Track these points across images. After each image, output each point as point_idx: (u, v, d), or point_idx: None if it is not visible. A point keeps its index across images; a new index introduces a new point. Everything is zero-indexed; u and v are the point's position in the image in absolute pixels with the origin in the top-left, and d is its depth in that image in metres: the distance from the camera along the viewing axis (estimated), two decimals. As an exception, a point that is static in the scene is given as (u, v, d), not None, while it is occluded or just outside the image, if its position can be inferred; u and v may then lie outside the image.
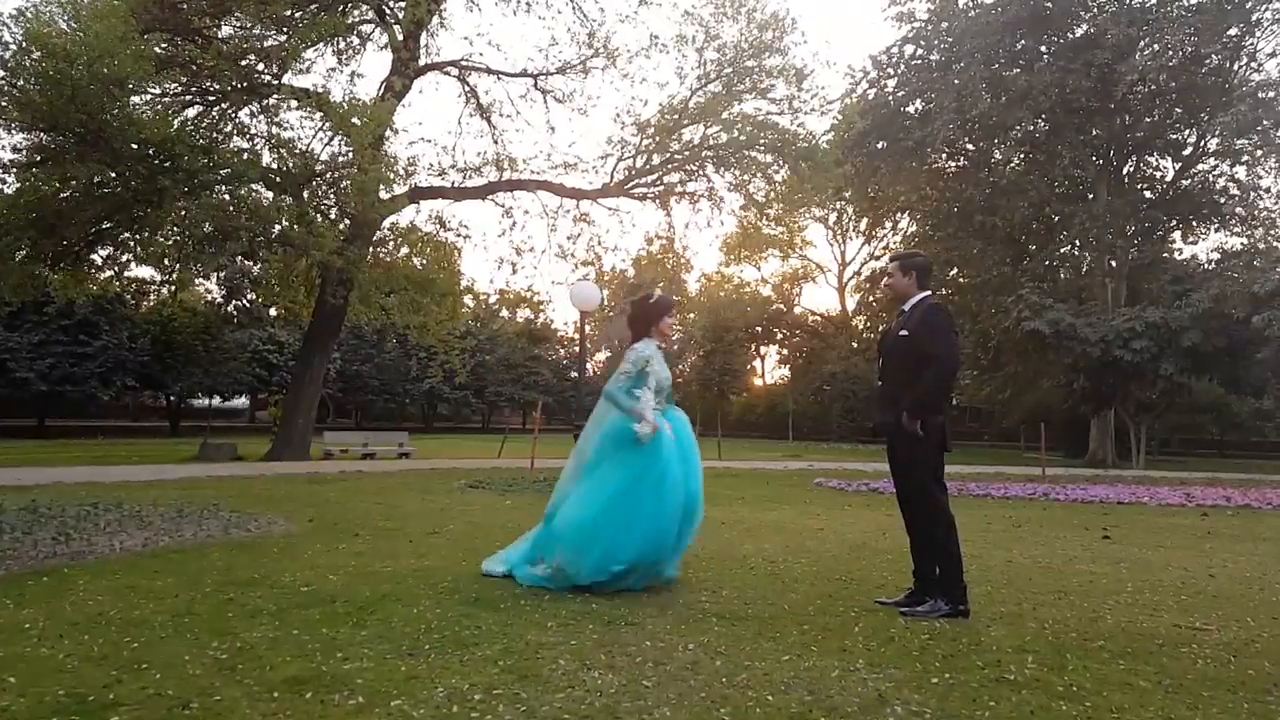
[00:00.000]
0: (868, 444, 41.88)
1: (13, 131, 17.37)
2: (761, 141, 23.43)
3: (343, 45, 20.45)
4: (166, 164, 16.65)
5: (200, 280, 26.77)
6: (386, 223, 22.16)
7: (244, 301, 45.17)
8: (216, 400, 44.38)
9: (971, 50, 26.81)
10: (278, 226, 18.06)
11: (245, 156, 18.12)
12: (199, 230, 17.56)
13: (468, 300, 51.31)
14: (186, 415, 43.40)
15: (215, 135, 19.73)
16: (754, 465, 20.33)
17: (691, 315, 50.99)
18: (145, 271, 24.00)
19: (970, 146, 30.85)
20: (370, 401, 47.12)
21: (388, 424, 47.17)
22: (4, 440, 30.20)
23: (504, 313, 48.73)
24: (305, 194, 19.49)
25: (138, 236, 19.88)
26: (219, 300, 45.99)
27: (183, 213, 17.26)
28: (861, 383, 43.97)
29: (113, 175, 17.43)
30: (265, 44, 18.30)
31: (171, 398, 41.64)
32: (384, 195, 21.00)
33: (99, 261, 21.62)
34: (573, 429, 13.78)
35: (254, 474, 14.44)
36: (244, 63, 18.68)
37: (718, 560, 6.41)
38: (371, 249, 21.33)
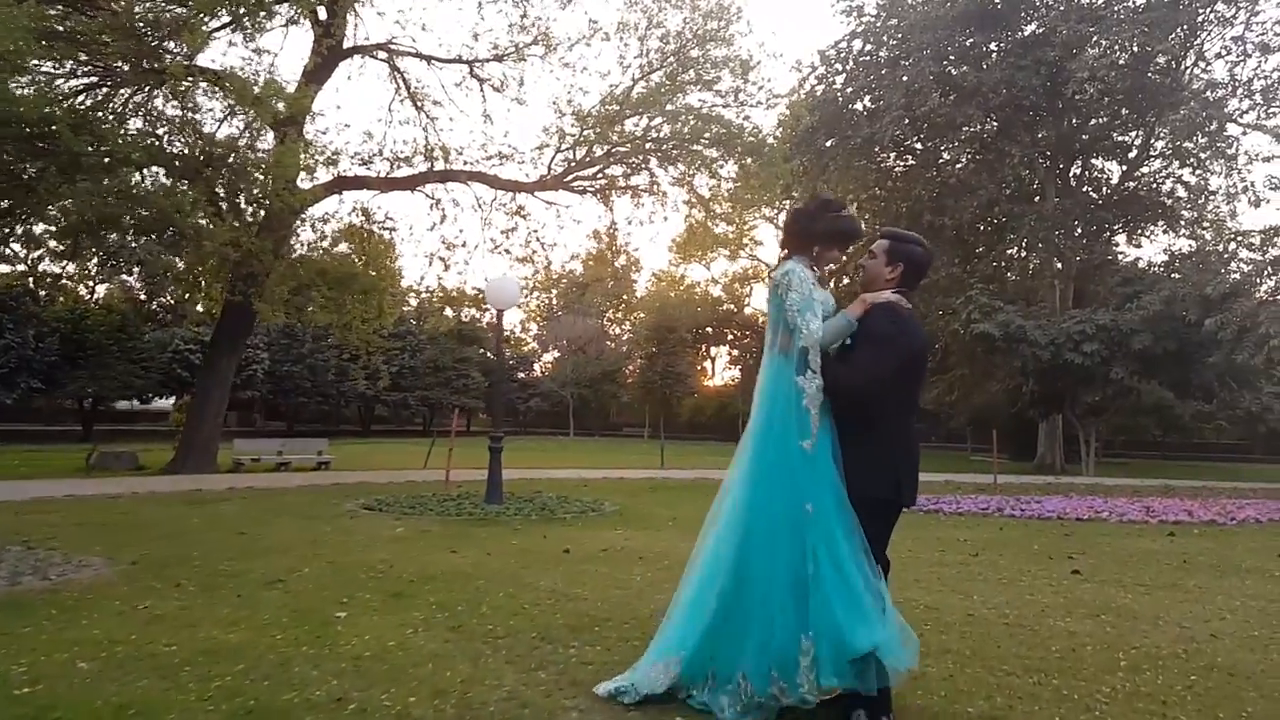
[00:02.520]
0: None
1: None
2: (706, 135, 22.35)
3: (252, 22, 18.66)
4: (41, 146, 14.94)
5: (124, 275, 24.93)
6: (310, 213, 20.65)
7: (166, 298, 42.94)
8: (135, 403, 41.92)
9: (920, 46, 26.01)
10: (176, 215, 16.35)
11: (133, 139, 16.37)
12: (76, 218, 15.79)
13: (411, 299, 49.63)
14: (105, 419, 40.96)
15: (109, 116, 17.94)
16: (698, 474, 19.18)
17: (640, 315, 49.86)
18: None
19: (919, 145, 30.14)
20: (302, 404, 44.97)
21: (323, 427, 45.16)
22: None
23: (446, 311, 46.96)
24: (206, 180, 17.81)
25: (15, 225, 18.15)
26: (141, 297, 43.71)
27: (63, 199, 15.51)
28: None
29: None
30: (164, 16, 16.48)
31: (86, 401, 39.24)
32: (305, 184, 19.52)
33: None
34: (487, 436, 12.46)
35: (126, 492, 12.86)
36: (150, 41, 16.90)
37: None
38: (290, 242, 19.71)
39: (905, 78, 25.85)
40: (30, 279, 33.63)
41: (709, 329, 50.91)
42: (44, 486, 13.44)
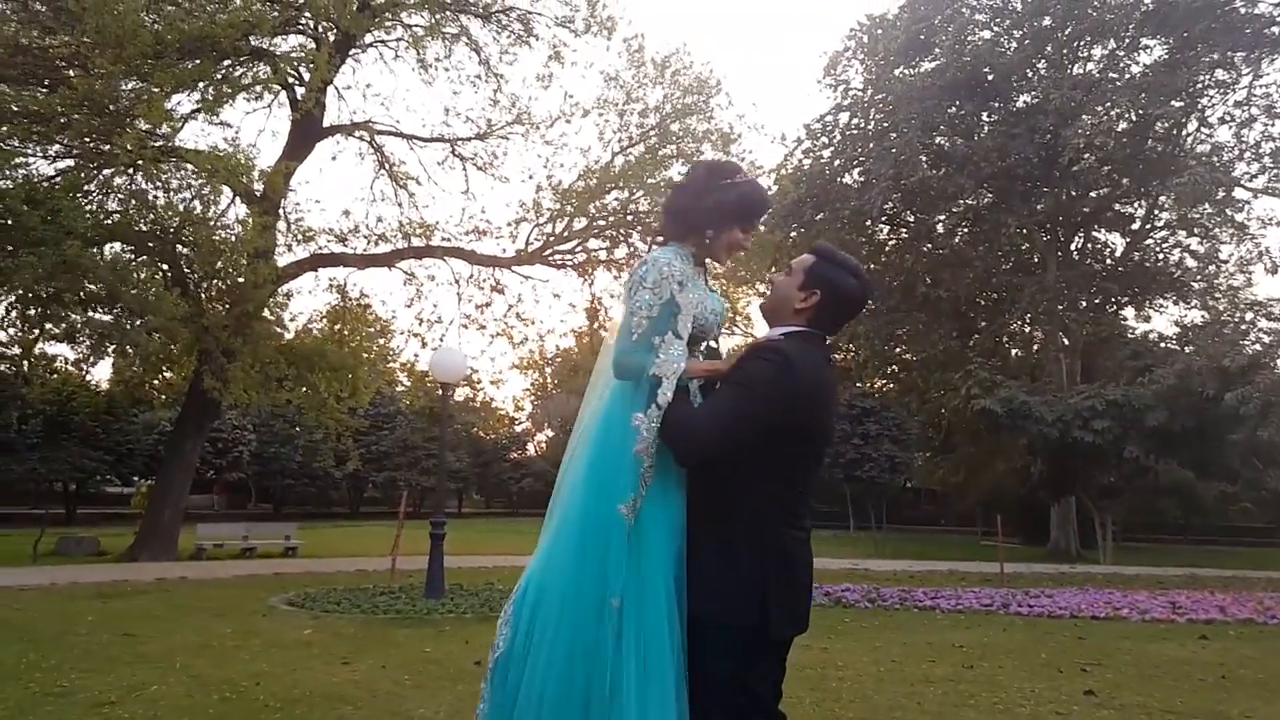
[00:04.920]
0: (819, 529, 39.54)
1: None
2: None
3: (215, 100, 18.11)
4: None
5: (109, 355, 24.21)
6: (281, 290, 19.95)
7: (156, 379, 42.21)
8: (118, 487, 40.87)
9: (908, 116, 25.55)
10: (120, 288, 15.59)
11: (88, 213, 15.74)
12: (23, 292, 15.06)
13: (403, 377, 48.75)
14: (95, 501, 39.87)
15: (73, 193, 17.31)
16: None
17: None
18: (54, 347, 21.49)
19: (911, 217, 29.49)
20: (289, 486, 43.75)
21: (313, 509, 43.83)
22: None
23: (440, 391, 45.88)
24: (162, 255, 17.14)
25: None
26: (134, 378, 42.97)
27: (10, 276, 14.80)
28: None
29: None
30: (123, 90, 15.95)
31: (72, 484, 38.21)
32: (281, 261, 18.85)
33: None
34: (429, 521, 11.32)
35: (51, 581, 11.74)
36: (111, 118, 16.36)
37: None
38: (256, 321, 18.87)
39: (894, 149, 25.32)
40: (25, 361, 33.09)
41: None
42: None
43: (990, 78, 26.52)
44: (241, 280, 16.93)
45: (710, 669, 2.20)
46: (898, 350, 32.53)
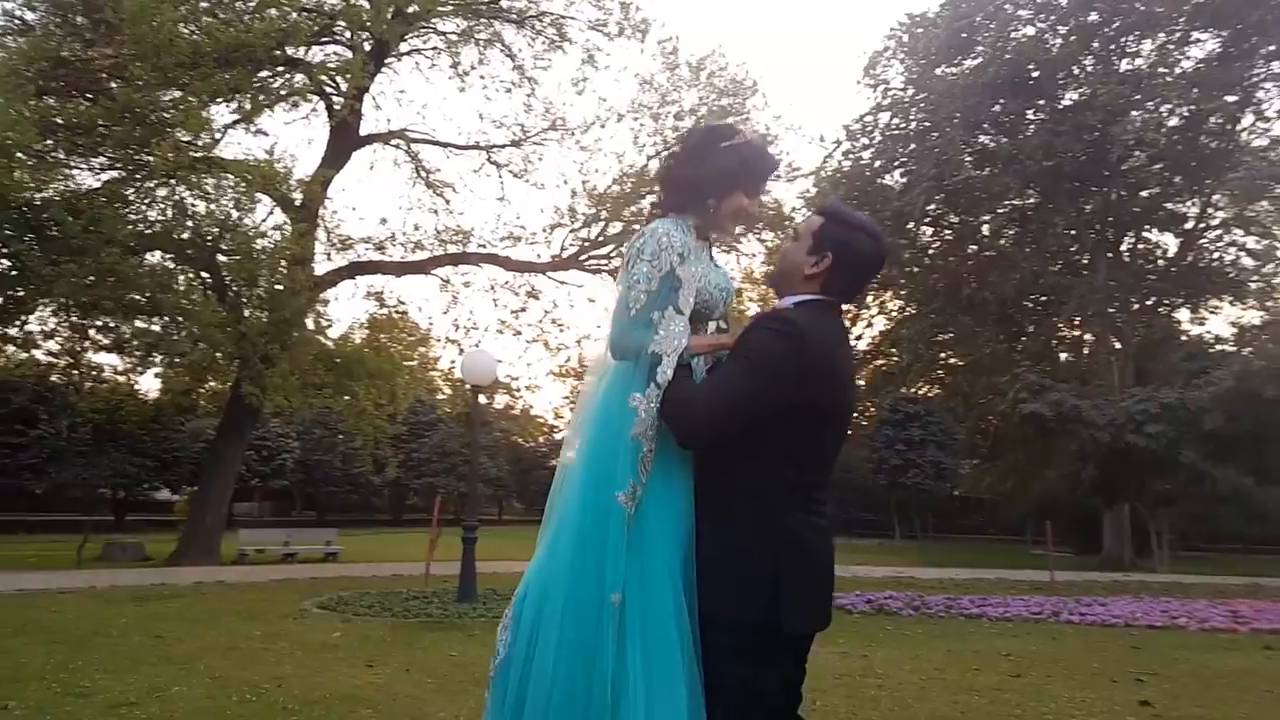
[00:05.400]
0: (863, 537, 38.88)
1: None
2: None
3: (253, 110, 18.27)
4: (31, 234, 14.60)
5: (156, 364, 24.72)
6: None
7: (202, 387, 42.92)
8: (166, 493, 41.59)
9: (950, 115, 25.07)
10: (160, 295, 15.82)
11: (130, 222, 15.97)
12: (65, 299, 15.33)
13: (443, 385, 49.01)
14: (141, 508, 40.60)
15: (116, 202, 17.61)
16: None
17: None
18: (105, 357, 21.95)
19: (954, 218, 28.92)
20: (332, 493, 44.20)
21: (357, 516, 44.23)
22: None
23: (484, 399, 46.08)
24: (203, 263, 17.34)
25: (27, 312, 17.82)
26: (181, 387, 43.78)
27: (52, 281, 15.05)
28: (855, 471, 41.17)
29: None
30: (161, 100, 16.18)
31: (121, 492, 39.00)
32: (320, 269, 19.03)
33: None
34: (460, 526, 11.24)
35: (89, 584, 11.85)
36: (152, 128, 16.60)
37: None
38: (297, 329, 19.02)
39: (936, 149, 24.86)
40: (76, 370, 33.89)
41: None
42: (19, 579, 12.64)
43: (1035, 75, 25.93)
44: (280, 288, 17.08)
45: (717, 669, 1.99)
46: (942, 354, 31.92)
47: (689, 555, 2.05)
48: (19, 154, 14.52)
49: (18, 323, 18.57)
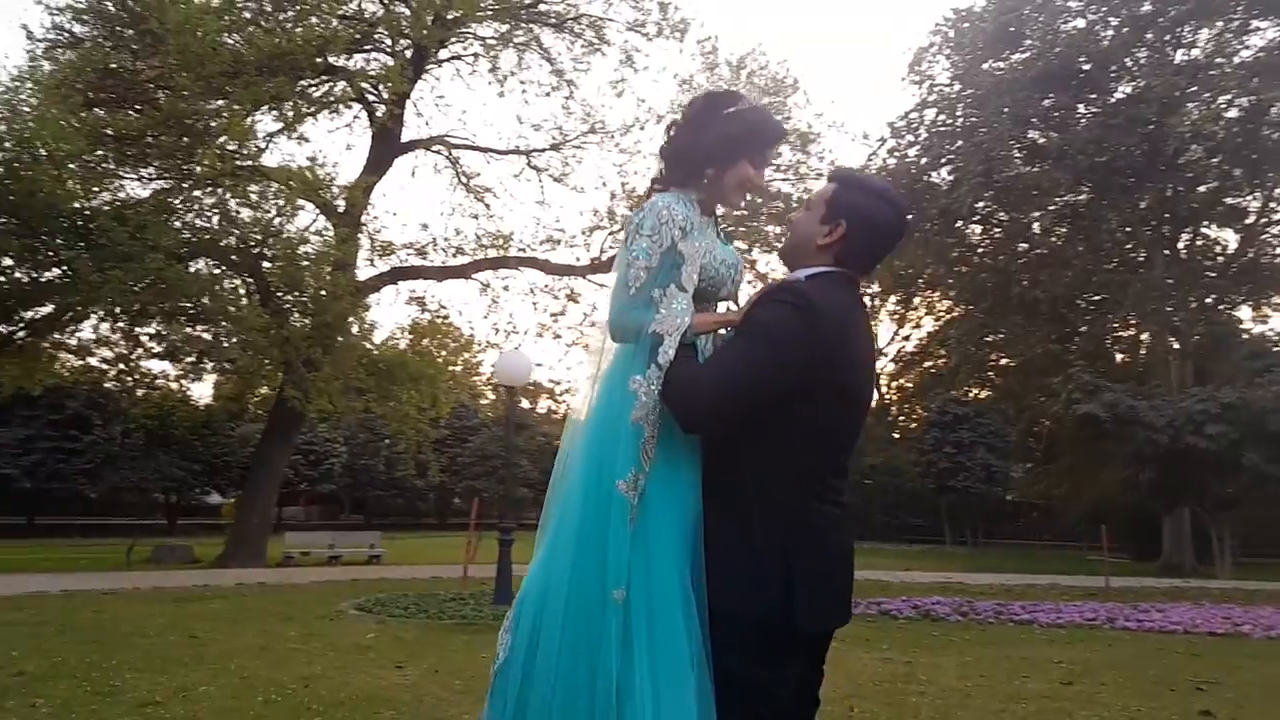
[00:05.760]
0: (912, 542, 38.19)
1: None
2: (765, 210, 21.38)
3: (295, 118, 18.46)
4: (81, 242, 14.93)
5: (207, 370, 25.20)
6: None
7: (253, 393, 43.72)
8: (217, 497, 42.43)
9: (998, 110, 24.52)
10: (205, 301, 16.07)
11: (174, 230, 16.25)
12: (113, 309, 15.67)
13: (488, 390, 49.21)
14: (193, 512, 41.48)
15: (162, 210, 17.92)
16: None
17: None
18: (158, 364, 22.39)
19: (1003, 215, 28.27)
20: (378, 497, 44.69)
21: (402, 520, 44.63)
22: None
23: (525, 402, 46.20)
24: (248, 268, 17.57)
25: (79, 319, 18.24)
26: (231, 393, 44.65)
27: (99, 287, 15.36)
28: (904, 476, 40.50)
29: (47, 256, 15.85)
30: (204, 109, 16.42)
31: (173, 496, 39.86)
32: (363, 275, 19.20)
33: (49, 349, 19.93)
34: (497, 527, 11.20)
35: (134, 586, 12.02)
36: (196, 137, 16.88)
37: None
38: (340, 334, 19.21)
39: (984, 144, 24.33)
40: (129, 377, 34.79)
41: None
42: (68, 580, 12.91)
43: (1086, 68, 25.31)
44: (324, 293, 17.23)
45: (726, 668, 1.83)
46: (992, 355, 31.25)
47: (697, 547, 1.90)
48: (70, 164, 14.87)
49: (69, 330, 19.05)
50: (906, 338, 40.09)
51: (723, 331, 2.07)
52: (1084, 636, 9.29)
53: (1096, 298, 27.85)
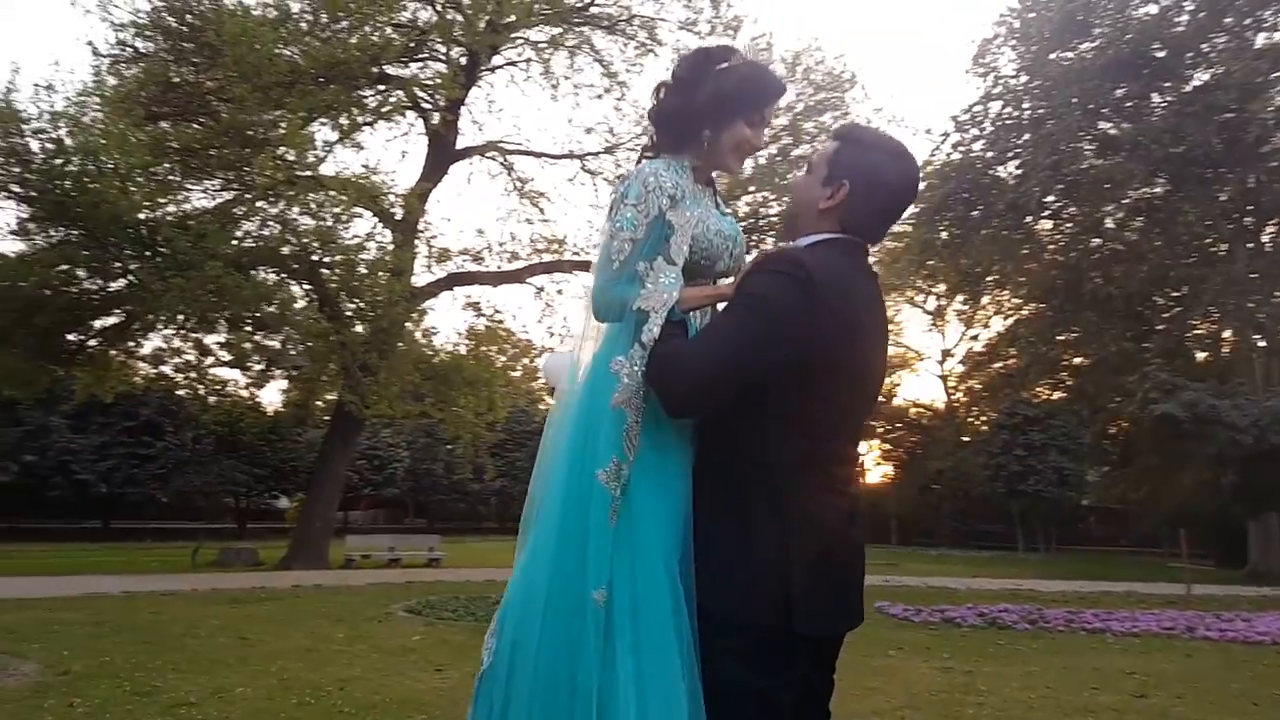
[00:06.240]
0: (982, 549, 37.14)
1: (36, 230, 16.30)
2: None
3: (349, 128, 18.67)
4: (146, 251, 15.35)
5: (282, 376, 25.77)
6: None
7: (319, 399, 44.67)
8: (285, 501, 43.46)
9: (1067, 100, 23.66)
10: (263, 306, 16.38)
11: (236, 238, 16.61)
12: (174, 316, 16.06)
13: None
14: (262, 516, 42.55)
15: (223, 220, 18.30)
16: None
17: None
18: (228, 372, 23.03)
19: (1073, 209, 27.29)
20: (441, 501, 45.20)
21: (466, 524, 45.08)
22: (69, 543, 29.56)
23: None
24: (305, 275, 17.85)
25: (142, 327, 18.76)
26: (298, 399, 45.71)
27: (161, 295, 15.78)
28: (972, 481, 39.40)
29: (114, 266, 16.36)
30: (262, 120, 16.73)
31: (242, 500, 40.93)
32: (419, 281, 19.39)
33: (119, 357, 20.55)
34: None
35: (193, 588, 12.22)
36: (255, 148, 17.20)
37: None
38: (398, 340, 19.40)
39: (1053, 136, 23.50)
40: (200, 385, 35.90)
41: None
42: (133, 581, 13.20)
43: (1160, 55, 24.25)
44: (381, 300, 17.41)
45: (719, 675, 1.64)
46: (1065, 354, 30.24)
47: (687, 542, 1.72)
48: (137, 177, 15.27)
49: (139, 339, 19.60)
50: (974, 337, 38.98)
51: (720, 307, 1.88)
52: (1161, 646, 8.77)
53: (1174, 293, 26.71)
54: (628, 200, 1.85)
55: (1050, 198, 25.73)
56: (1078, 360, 30.08)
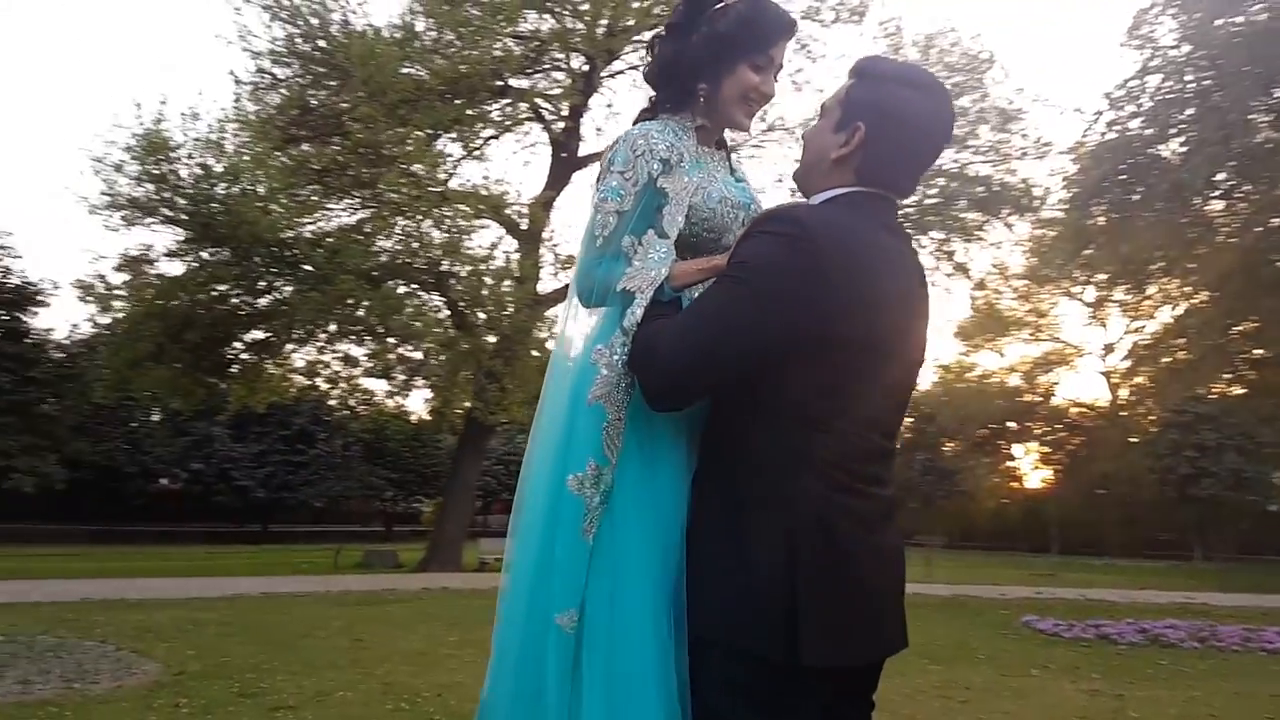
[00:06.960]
0: (1155, 558, 34.39)
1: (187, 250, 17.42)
2: (964, 197, 19.93)
3: (468, 140, 19.02)
4: (288, 269, 16.16)
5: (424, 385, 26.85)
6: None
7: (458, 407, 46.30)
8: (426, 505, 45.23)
9: (1237, 69, 21.55)
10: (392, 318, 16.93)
11: (371, 253, 17.22)
12: (310, 329, 16.81)
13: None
14: (409, 520, 44.45)
15: (357, 236, 18.98)
16: (962, 590, 15.90)
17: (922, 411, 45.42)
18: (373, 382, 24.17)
19: (1248, 187, 24.85)
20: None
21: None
22: (229, 545, 31.68)
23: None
24: (434, 286, 18.34)
25: (286, 341, 19.73)
26: (440, 407, 47.51)
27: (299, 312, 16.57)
28: (1142, 485, 36.57)
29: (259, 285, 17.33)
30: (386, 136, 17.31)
31: (388, 505, 42.84)
32: (545, 288, 19.64)
33: (270, 369, 21.73)
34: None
35: (325, 589, 12.65)
36: (401, 167, 17.75)
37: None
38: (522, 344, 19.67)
39: (1222, 108, 21.46)
40: (350, 396, 37.84)
41: (1008, 424, 45.28)
42: (271, 583, 13.76)
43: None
44: (509, 310, 17.66)
45: (710, 713, 1.30)
46: (1240, 346, 27.62)
47: (679, 559, 1.43)
48: (281, 198, 16.07)
49: (284, 351, 20.65)
50: (1140, 330, 36.19)
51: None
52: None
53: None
54: (613, 167, 1.57)
55: (1221, 175, 23.52)
56: (1257, 352, 27.41)
